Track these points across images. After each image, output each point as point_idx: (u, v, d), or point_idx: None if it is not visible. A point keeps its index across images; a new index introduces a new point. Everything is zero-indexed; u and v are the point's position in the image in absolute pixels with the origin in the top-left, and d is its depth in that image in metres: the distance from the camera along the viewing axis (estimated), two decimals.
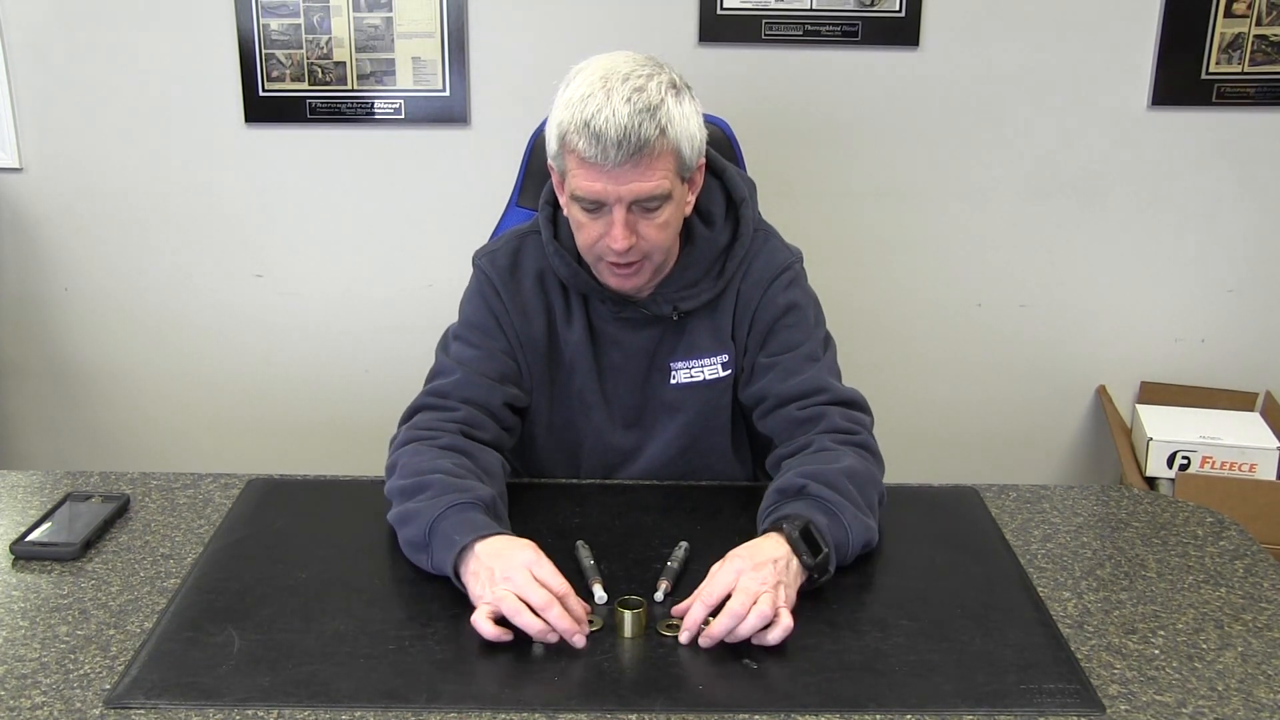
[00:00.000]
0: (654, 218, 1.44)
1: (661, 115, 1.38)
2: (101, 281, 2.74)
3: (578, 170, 1.41)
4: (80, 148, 2.64)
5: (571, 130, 1.39)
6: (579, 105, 1.38)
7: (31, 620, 1.25)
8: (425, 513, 1.33)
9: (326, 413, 2.81)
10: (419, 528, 1.33)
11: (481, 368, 1.55)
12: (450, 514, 1.32)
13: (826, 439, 1.47)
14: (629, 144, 1.36)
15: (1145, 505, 1.57)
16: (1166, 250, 2.73)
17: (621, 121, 1.35)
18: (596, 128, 1.36)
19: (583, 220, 1.45)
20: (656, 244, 1.46)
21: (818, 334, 1.59)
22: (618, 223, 1.41)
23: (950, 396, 2.83)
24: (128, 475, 1.60)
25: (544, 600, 1.20)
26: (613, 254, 1.44)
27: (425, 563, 1.33)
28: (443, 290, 2.63)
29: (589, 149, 1.37)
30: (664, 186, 1.41)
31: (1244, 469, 2.48)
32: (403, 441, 1.48)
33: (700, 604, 1.22)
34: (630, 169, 1.38)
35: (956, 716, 1.10)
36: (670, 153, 1.41)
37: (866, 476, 1.42)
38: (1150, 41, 2.58)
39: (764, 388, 1.56)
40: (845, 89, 2.61)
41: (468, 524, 1.30)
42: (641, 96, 1.37)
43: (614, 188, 1.39)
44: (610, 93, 1.37)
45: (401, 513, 1.37)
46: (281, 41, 2.55)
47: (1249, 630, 1.26)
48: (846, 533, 1.34)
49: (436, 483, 1.37)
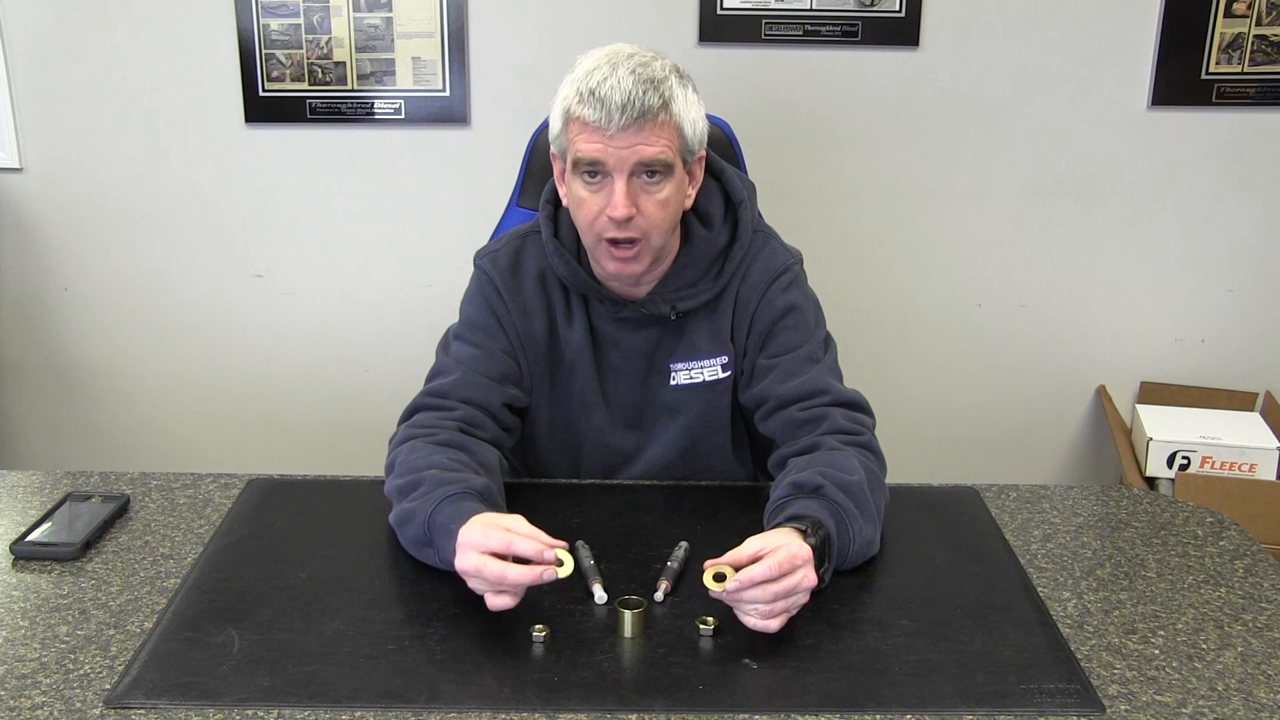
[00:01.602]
0: (655, 192, 1.45)
1: (665, 89, 1.42)
2: (101, 281, 2.74)
3: (580, 136, 1.43)
4: (80, 148, 2.64)
5: (575, 101, 1.42)
6: (583, 79, 1.42)
7: (31, 620, 1.25)
8: (421, 510, 1.34)
9: (326, 413, 2.81)
10: (418, 525, 1.33)
11: (481, 367, 1.55)
12: (444, 507, 1.32)
13: (832, 440, 1.47)
14: (632, 109, 1.40)
15: (1145, 505, 1.57)
16: (1166, 250, 2.73)
17: (626, 88, 1.40)
18: (602, 94, 1.40)
19: (584, 195, 1.46)
20: (656, 222, 1.46)
21: (818, 335, 1.59)
22: (619, 190, 1.43)
23: (950, 396, 2.83)
24: (128, 475, 1.60)
25: (502, 542, 1.22)
26: (612, 228, 1.44)
27: (433, 558, 1.33)
28: (443, 290, 2.63)
29: (593, 114, 1.40)
30: (666, 154, 1.43)
31: (1244, 469, 2.48)
32: (401, 439, 1.49)
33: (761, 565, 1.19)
34: (634, 133, 1.41)
35: (956, 716, 1.10)
36: (673, 127, 1.44)
37: (876, 484, 1.42)
38: (1150, 42, 2.58)
39: (765, 390, 1.55)
40: (845, 89, 2.61)
41: (460, 514, 1.30)
42: (646, 70, 1.42)
43: (616, 151, 1.42)
44: (616, 66, 1.42)
45: (400, 513, 1.37)
46: (281, 41, 2.55)
47: (1249, 630, 1.26)
48: (849, 545, 1.33)
49: (430, 479, 1.37)
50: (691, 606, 1.26)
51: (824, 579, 1.27)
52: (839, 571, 1.33)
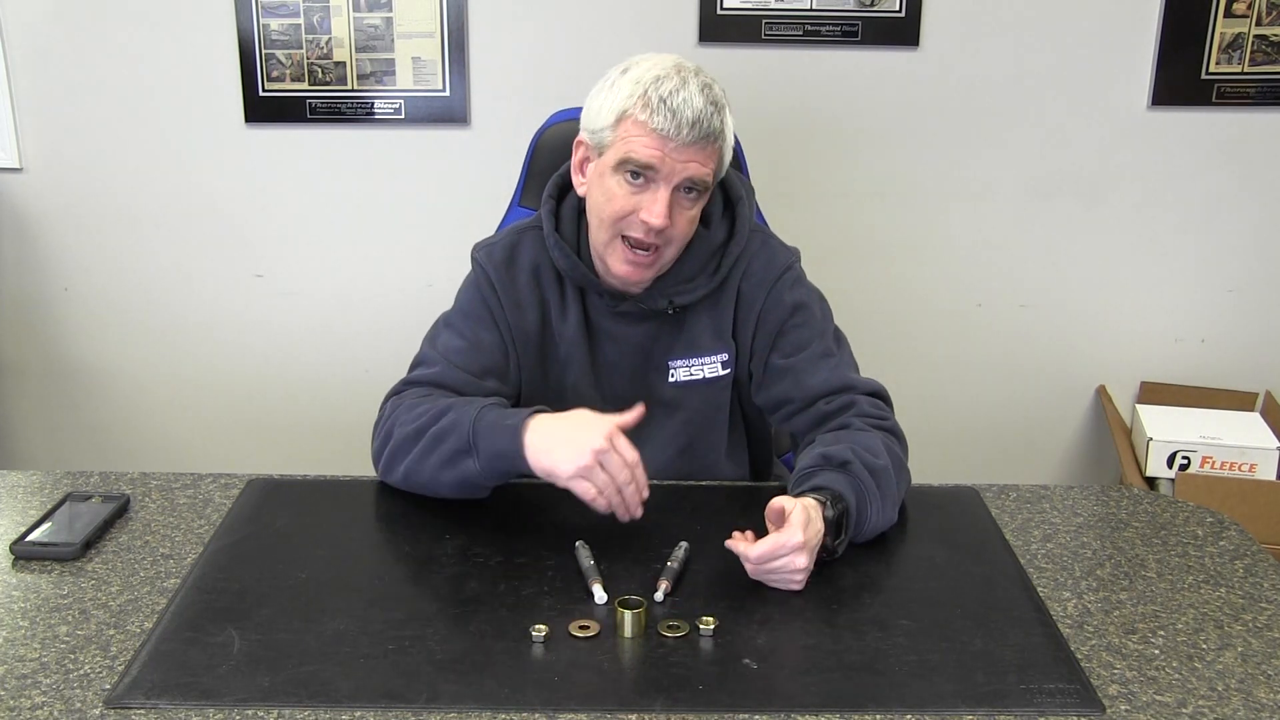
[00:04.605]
0: (688, 208, 1.49)
1: (726, 115, 1.48)
2: (101, 281, 2.74)
3: (640, 137, 1.44)
4: (80, 148, 2.64)
5: (641, 105, 1.44)
6: (652, 84, 1.44)
7: (31, 620, 1.25)
8: (461, 421, 1.40)
9: (326, 413, 2.81)
10: (459, 435, 1.39)
11: (463, 361, 1.56)
12: (486, 413, 1.40)
13: (859, 422, 1.51)
14: (701, 127, 1.43)
15: (1145, 505, 1.57)
16: (1166, 250, 2.73)
17: (697, 105, 1.43)
18: (674, 105, 1.42)
19: (618, 191, 1.47)
20: (680, 236, 1.51)
21: (828, 329, 1.61)
22: (662, 199, 1.45)
23: (950, 396, 2.83)
24: (128, 475, 1.60)
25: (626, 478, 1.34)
26: (643, 229, 1.47)
27: (470, 467, 1.39)
28: (442, 290, 2.61)
29: (664, 122, 1.42)
30: (708, 176, 1.48)
31: (1244, 469, 2.48)
32: (392, 410, 1.51)
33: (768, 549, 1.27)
34: (694, 150, 1.44)
35: (956, 716, 1.10)
36: (721, 152, 1.49)
37: (899, 466, 1.47)
38: (1150, 41, 2.58)
39: (786, 390, 1.57)
40: (845, 89, 2.61)
41: (511, 414, 1.39)
42: (712, 92, 1.46)
43: (674, 162, 1.44)
44: (685, 80, 1.45)
45: (432, 436, 1.42)
46: (281, 41, 2.55)
47: (1249, 630, 1.26)
48: (865, 522, 1.38)
49: (457, 403, 1.45)
50: (691, 606, 1.26)
51: (837, 550, 1.34)
52: (839, 569, 1.34)
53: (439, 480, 1.44)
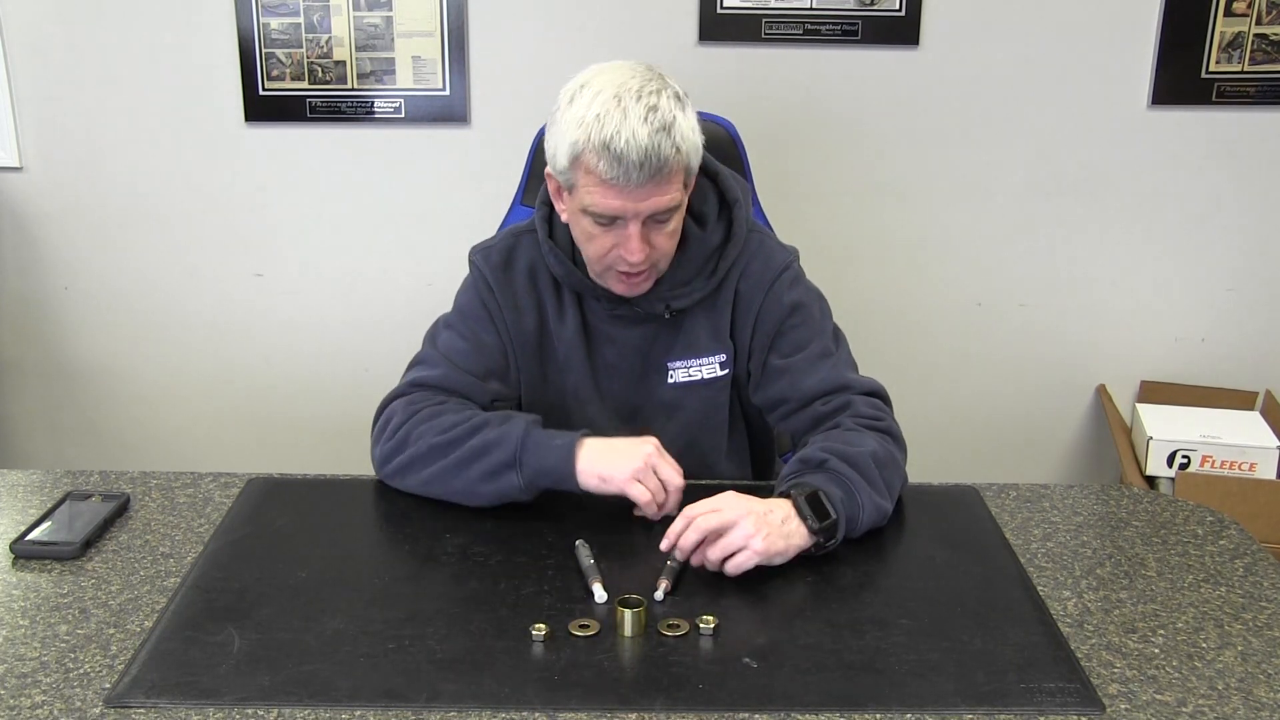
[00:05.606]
0: (664, 228, 1.47)
1: (676, 134, 1.40)
2: (102, 281, 2.74)
3: (595, 189, 1.41)
4: (80, 147, 2.64)
5: (589, 150, 1.39)
6: (595, 125, 1.38)
7: (31, 619, 1.25)
8: (506, 438, 1.42)
9: (326, 412, 2.81)
10: (505, 450, 1.41)
11: (466, 363, 1.56)
12: (534, 430, 1.43)
13: (850, 421, 1.50)
14: (650, 165, 1.38)
15: (1145, 505, 1.57)
16: (1166, 249, 2.73)
17: (642, 143, 1.37)
18: (617, 150, 1.37)
19: (594, 232, 1.47)
20: (665, 251, 1.50)
21: (826, 328, 1.60)
22: (634, 236, 1.44)
23: (950, 396, 2.83)
24: (128, 474, 1.60)
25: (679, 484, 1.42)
26: (626, 265, 1.47)
27: (512, 480, 1.41)
28: (443, 289, 2.60)
29: (610, 170, 1.38)
30: (677, 199, 1.45)
31: (1244, 468, 2.48)
32: (406, 416, 1.50)
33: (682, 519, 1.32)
34: (651, 187, 1.41)
35: (956, 716, 1.10)
36: (683, 168, 1.44)
37: (888, 460, 1.45)
38: (1150, 41, 2.58)
39: (783, 390, 1.57)
40: (845, 89, 2.61)
41: (559, 434, 1.43)
42: (656, 116, 1.38)
43: (633, 205, 1.42)
44: (626, 112, 1.38)
45: (470, 449, 1.43)
46: (281, 40, 2.55)
47: (1249, 629, 1.26)
48: (859, 509, 1.37)
49: (492, 418, 1.47)
50: (691, 606, 1.26)
51: (834, 535, 1.34)
52: (839, 569, 1.33)
53: (475, 491, 1.45)
